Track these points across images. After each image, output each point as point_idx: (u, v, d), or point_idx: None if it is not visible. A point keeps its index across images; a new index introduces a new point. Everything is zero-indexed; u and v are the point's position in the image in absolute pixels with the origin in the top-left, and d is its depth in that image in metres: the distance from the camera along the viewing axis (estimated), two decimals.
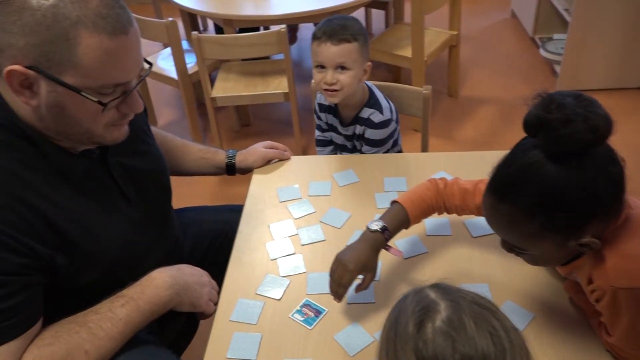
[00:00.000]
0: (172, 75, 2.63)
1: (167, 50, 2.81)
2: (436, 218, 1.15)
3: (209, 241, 1.34)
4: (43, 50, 0.78)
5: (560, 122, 0.72)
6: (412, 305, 0.61)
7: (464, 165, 1.36)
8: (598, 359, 0.90)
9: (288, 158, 1.46)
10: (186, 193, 2.40)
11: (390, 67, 3.07)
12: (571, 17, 2.76)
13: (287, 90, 2.42)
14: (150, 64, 0.94)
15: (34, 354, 0.86)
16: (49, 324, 0.91)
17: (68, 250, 0.90)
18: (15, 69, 0.78)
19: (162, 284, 0.99)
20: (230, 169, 1.41)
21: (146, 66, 0.92)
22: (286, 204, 1.30)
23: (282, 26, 2.26)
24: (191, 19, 3.04)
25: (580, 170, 0.74)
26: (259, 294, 1.08)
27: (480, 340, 0.56)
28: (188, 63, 2.57)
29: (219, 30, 3.02)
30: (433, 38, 2.72)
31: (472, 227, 1.18)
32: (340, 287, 0.98)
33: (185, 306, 1.02)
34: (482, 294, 0.63)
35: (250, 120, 2.97)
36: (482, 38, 3.66)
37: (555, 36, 3.28)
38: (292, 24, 3.39)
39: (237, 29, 2.53)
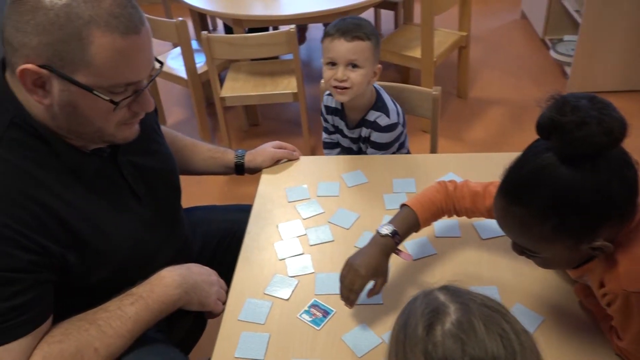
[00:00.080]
0: (182, 74, 2.64)
1: (177, 49, 2.82)
2: (445, 220, 1.14)
3: (218, 240, 1.34)
4: (56, 49, 0.78)
5: (574, 125, 0.72)
6: (422, 307, 0.61)
7: (473, 167, 1.35)
8: None
9: (297, 158, 1.46)
10: (195, 192, 2.41)
11: (399, 67, 3.06)
12: (582, 19, 2.74)
13: (296, 90, 2.42)
14: (161, 63, 0.94)
15: (44, 350, 0.87)
16: (60, 322, 0.91)
17: (79, 248, 0.91)
18: (29, 68, 0.79)
19: (171, 283, 0.99)
20: (239, 169, 1.41)
21: (157, 65, 0.93)
22: (295, 204, 1.30)
23: (292, 26, 2.26)
24: (201, 18, 3.06)
25: (594, 173, 0.74)
26: (267, 294, 1.08)
27: (491, 342, 0.56)
28: (197, 63, 2.58)
29: (228, 30, 3.04)
30: (442, 39, 2.71)
31: (482, 229, 1.18)
32: (352, 293, 0.97)
33: (193, 305, 1.02)
34: (492, 296, 0.62)
35: (259, 120, 2.97)
36: (492, 39, 3.64)
37: (566, 37, 3.26)
38: (301, 24, 3.39)
39: (247, 29, 2.54)
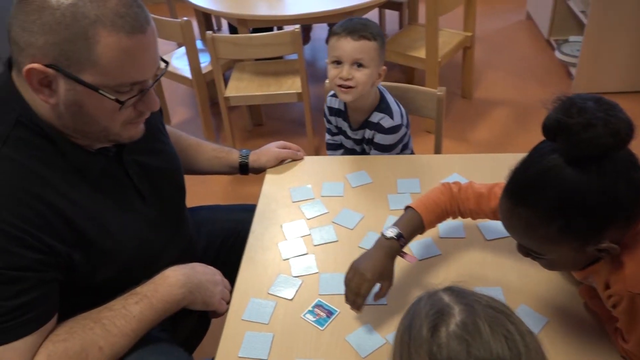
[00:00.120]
0: (186, 74, 2.64)
1: (182, 49, 2.83)
2: (450, 221, 1.14)
3: (222, 240, 1.34)
4: (62, 48, 0.79)
5: (581, 127, 0.72)
6: (426, 308, 0.61)
7: (478, 168, 1.35)
8: None
9: (301, 158, 1.46)
10: (199, 192, 2.41)
11: (403, 68, 3.06)
12: (588, 19, 2.73)
13: (300, 90, 2.42)
14: (166, 62, 0.94)
15: (49, 349, 0.87)
16: (64, 320, 0.91)
17: (85, 247, 0.91)
18: (35, 68, 0.79)
19: (175, 282, 0.99)
20: (244, 169, 1.41)
21: (162, 65, 0.93)
22: (299, 204, 1.30)
23: (296, 26, 2.26)
24: (205, 18, 3.06)
25: (601, 175, 0.73)
26: (271, 294, 1.08)
27: (496, 344, 0.56)
28: (202, 62, 2.58)
29: (233, 30, 3.04)
30: (447, 39, 2.70)
31: (486, 230, 1.17)
32: (358, 297, 0.97)
33: (198, 304, 1.02)
34: (496, 297, 0.62)
35: (263, 120, 2.97)
36: (496, 39, 3.63)
37: (571, 38, 3.25)
38: (305, 24, 3.39)
39: (251, 29, 2.54)
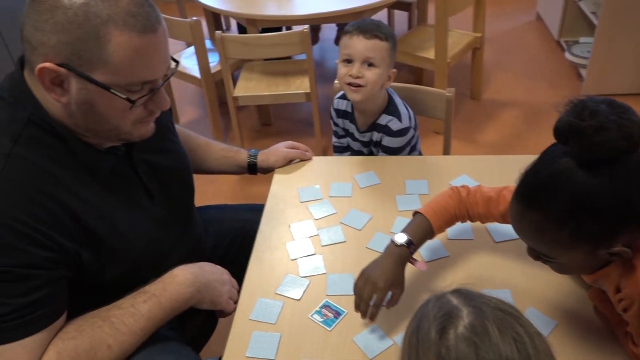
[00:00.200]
0: (195, 74, 2.65)
1: (191, 49, 2.84)
2: (458, 223, 1.13)
3: (230, 240, 1.35)
4: (74, 48, 0.79)
5: (593, 130, 0.71)
6: (434, 311, 0.61)
7: (487, 169, 1.34)
8: None
9: (309, 158, 1.46)
10: (208, 191, 2.42)
11: (412, 68, 3.05)
12: (598, 20, 2.71)
13: (308, 91, 2.42)
14: (177, 62, 0.95)
15: (59, 346, 0.87)
16: (73, 319, 0.92)
17: (94, 246, 0.92)
18: (47, 67, 0.80)
19: (183, 281, 1.00)
20: (252, 168, 1.42)
21: (173, 64, 0.93)
22: (307, 205, 1.30)
23: (305, 26, 2.26)
24: (215, 18, 3.07)
25: (613, 178, 0.73)
26: (279, 294, 1.08)
27: (504, 346, 0.55)
28: (211, 62, 2.59)
29: (242, 29, 3.04)
30: (456, 40, 2.70)
31: (495, 232, 1.17)
32: (372, 307, 0.96)
33: (205, 304, 1.03)
34: (505, 299, 0.62)
35: (271, 120, 2.98)
36: (506, 40, 3.61)
37: (582, 39, 3.23)
38: (314, 25, 3.40)
39: (260, 29, 2.55)
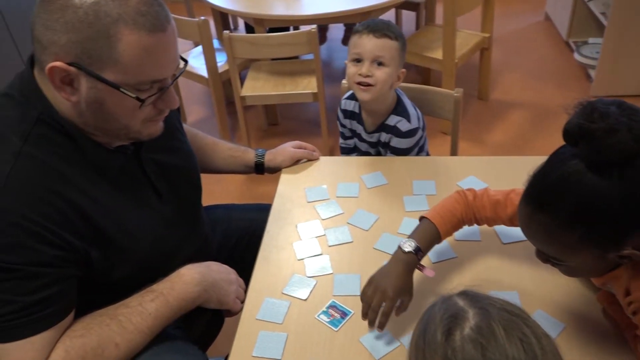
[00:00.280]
0: (203, 73, 2.66)
1: (198, 48, 2.85)
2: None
3: (237, 239, 1.35)
4: (84, 47, 0.79)
5: (603, 132, 0.70)
6: (440, 313, 0.61)
7: (494, 170, 1.34)
8: None
9: (317, 158, 1.46)
10: (215, 191, 2.43)
11: (420, 68, 3.04)
12: (608, 21, 2.69)
13: (316, 91, 2.42)
14: (185, 61, 0.95)
15: (67, 344, 0.88)
16: (81, 317, 0.92)
17: (103, 245, 0.92)
18: (57, 66, 0.80)
19: (190, 281, 1.00)
20: (259, 168, 1.42)
21: (182, 64, 0.93)
22: (314, 205, 1.30)
23: (313, 26, 2.26)
24: (222, 18, 3.08)
25: (622, 181, 0.72)
26: (285, 294, 1.08)
27: (511, 347, 0.55)
28: (218, 62, 2.59)
29: (249, 29, 3.05)
30: (464, 40, 2.69)
31: (502, 233, 1.16)
32: (382, 316, 0.95)
33: (212, 303, 1.03)
34: (512, 301, 0.61)
35: (278, 120, 2.98)
36: (514, 41, 3.60)
37: (591, 40, 3.21)
38: (322, 24, 3.39)
39: (268, 29, 2.55)
